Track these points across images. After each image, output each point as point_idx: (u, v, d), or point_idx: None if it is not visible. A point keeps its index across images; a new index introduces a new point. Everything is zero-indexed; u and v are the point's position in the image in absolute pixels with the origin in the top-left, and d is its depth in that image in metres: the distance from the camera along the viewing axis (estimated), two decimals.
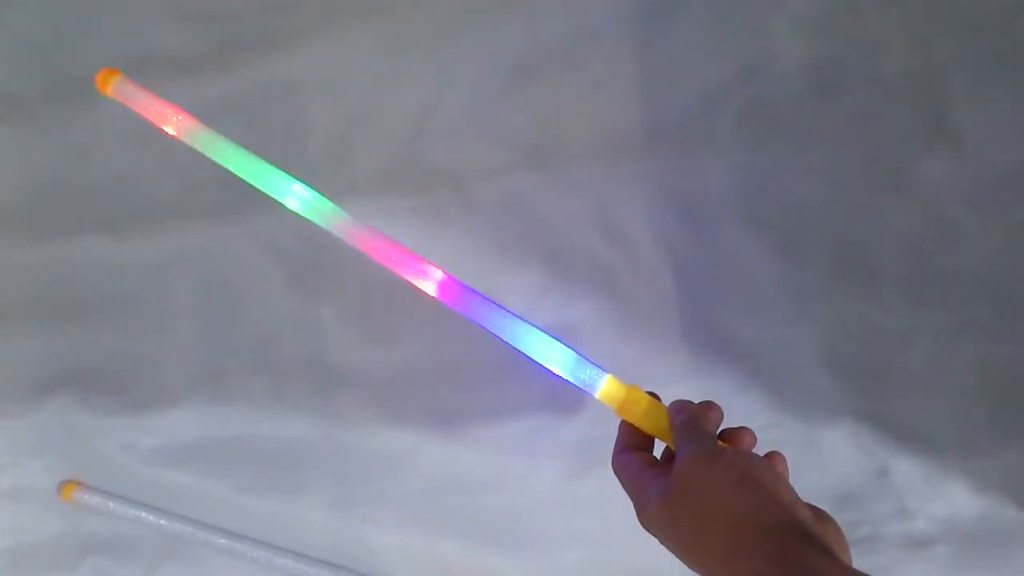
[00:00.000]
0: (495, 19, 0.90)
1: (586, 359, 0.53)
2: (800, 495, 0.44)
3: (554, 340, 0.53)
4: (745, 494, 0.41)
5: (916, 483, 0.83)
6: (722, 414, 0.50)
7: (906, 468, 0.83)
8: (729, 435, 0.50)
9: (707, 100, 0.87)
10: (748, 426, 0.50)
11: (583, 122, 0.89)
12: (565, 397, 0.85)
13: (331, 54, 0.90)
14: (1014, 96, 0.85)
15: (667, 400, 0.52)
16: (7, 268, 0.91)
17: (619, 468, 0.49)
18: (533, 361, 0.53)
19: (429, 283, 0.54)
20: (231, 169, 0.56)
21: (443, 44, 0.90)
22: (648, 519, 0.45)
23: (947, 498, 0.83)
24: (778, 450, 0.49)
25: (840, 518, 0.45)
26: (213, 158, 0.56)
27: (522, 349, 0.53)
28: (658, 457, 0.50)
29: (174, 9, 0.91)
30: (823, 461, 0.84)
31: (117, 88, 0.58)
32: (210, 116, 0.86)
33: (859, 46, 0.87)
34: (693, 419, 0.48)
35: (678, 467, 0.44)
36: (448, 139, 0.89)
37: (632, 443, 0.51)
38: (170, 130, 0.57)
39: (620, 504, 0.49)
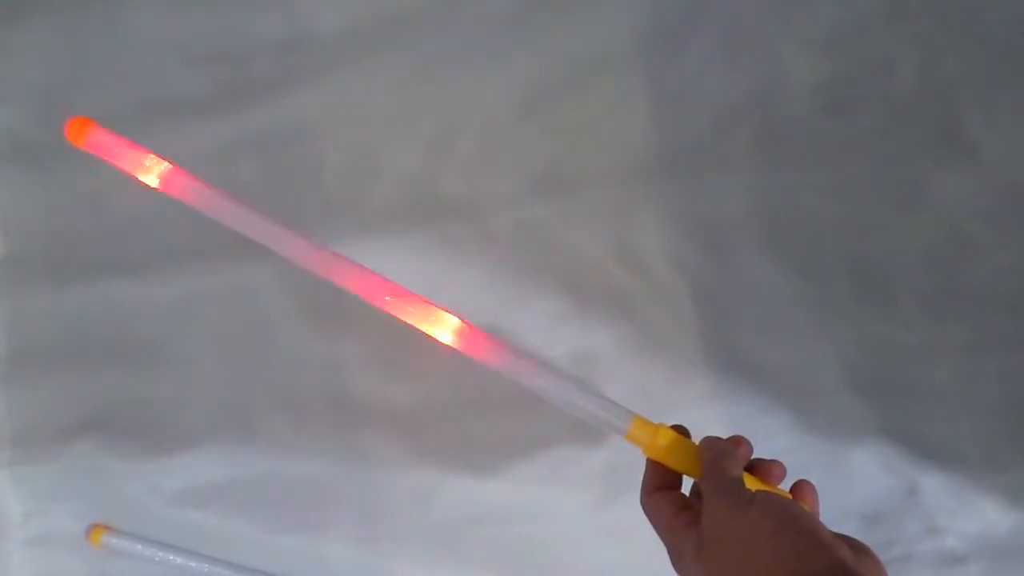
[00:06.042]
0: (505, 49, 0.90)
1: (610, 401, 0.52)
2: (828, 516, 0.43)
3: (576, 384, 0.52)
4: (783, 542, 0.41)
5: (945, 500, 0.83)
6: (751, 449, 0.49)
7: (934, 485, 0.83)
8: (758, 468, 0.49)
9: (719, 123, 0.87)
10: (772, 443, 0.50)
11: (596, 149, 0.89)
12: (591, 425, 0.85)
13: (343, 91, 0.90)
14: None
15: (693, 427, 0.51)
16: (27, 314, 0.91)
17: (650, 511, 0.48)
18: (557, 407, 0.52)
19: (444, 332, 0.53)
20: (232, 226, 0.53)
21: (454, 76, 0.90)
22: (684, 569, 0.44)
23: (977, 514, 0.82)
24: (806, 478, 0.49)
25: (870, 538, 0.44)
26: (208, 213, 0.53)
27: (544, 395, 0.52)
28: (687, 492, 0.50)
29: (186, 52, 0.91)
30: (850, 481, 0.84)
31: (91, 139, 0.52)
32: (224, 157, 0.89)
33: (870, 63, 0.87)
34: (719, 459, 0.47)
35: (709, 516, 0.44)
36: (462, 171, 0.89)
37: (660, 483, 0.50)
38: (154, 182, 0.53)
39: (648, 532, 0.48)
